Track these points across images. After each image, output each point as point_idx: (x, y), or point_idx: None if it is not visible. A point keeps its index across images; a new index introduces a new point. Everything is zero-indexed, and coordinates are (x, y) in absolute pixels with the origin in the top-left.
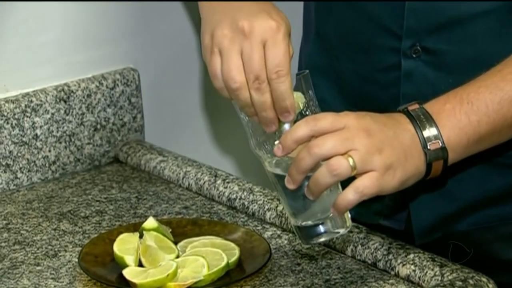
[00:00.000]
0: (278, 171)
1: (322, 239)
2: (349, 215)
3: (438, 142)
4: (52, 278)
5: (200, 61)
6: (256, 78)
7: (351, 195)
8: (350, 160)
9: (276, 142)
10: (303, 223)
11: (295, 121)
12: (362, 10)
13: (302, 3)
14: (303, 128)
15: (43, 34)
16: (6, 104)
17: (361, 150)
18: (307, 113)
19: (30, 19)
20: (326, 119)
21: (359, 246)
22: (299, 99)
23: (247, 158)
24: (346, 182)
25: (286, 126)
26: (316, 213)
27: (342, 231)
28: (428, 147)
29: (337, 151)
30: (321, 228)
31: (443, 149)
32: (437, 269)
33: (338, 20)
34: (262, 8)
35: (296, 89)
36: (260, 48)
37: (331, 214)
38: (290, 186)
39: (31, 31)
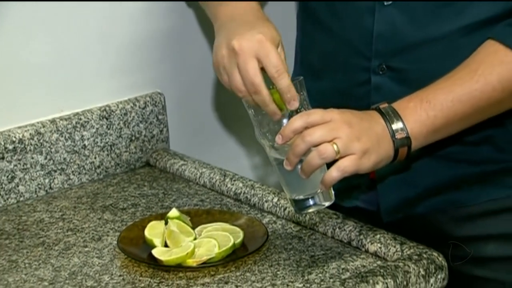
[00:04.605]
0: (278, 155)
1: (311, 210)
2: (333, 192)
3: (404, 132)
4: (97, 257)
5: (215, 84)
6: (251, 84)
7: (335, 173)
8: (335, 146)
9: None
10: (297, 197)
11: (290, 117)
12: (339, 38)
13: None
14: (298, 121)
15: (88, 65)
16: (61, 121)
17: (344, 138)
18: (302, 109)
19: (79, 55)
20: (317, 114)
21: (337, 228)
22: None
23: (251, 159)
24: (330, 164)
25: (284, 121)
26: (307, 189)
27: (327, 203)
28: (396, 137)
29: (325, 139)
30: (311, 201)
31: (407, 138)
32: (398, 246)
33: (320, 48)
34: (251, 26)
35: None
36: (251, 60)
37: (319, 190)
38: (288, 167)
39: (80, 64)
